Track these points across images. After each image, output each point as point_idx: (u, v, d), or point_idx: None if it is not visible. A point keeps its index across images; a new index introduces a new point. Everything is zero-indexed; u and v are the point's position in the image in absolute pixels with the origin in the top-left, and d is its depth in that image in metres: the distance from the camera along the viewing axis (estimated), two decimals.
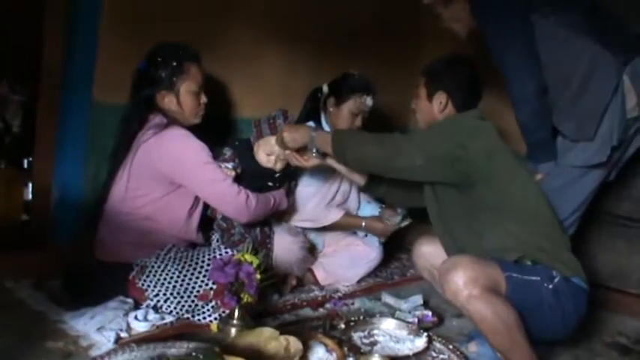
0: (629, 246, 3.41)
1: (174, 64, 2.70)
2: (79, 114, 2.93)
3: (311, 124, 3.25)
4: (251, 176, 2.83)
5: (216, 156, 2.76)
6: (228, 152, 2.88)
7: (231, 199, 2.68)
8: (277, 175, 2.88)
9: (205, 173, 2.65)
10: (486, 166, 2.39)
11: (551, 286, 2.29)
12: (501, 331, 2.17)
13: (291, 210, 3.20)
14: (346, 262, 3.32)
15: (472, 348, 2.57)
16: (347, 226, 3.36)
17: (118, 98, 2.81)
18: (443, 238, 2.63)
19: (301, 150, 2.71)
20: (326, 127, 3.31)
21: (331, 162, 2.76)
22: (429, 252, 2.75)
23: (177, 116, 2.74)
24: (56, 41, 2.88)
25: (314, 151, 2.66)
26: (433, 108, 2.67)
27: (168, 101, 2.72)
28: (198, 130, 2.77)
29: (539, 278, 2.30)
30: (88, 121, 2.94)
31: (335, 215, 3.29)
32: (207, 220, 2.88)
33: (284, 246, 3.01)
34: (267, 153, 2.83)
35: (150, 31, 2.94)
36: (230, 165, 2.79)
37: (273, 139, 2.80)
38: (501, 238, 2.38)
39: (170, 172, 2.63)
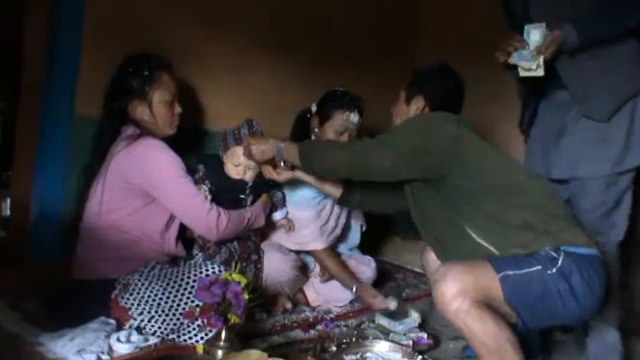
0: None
1: (146, 73, 2.68)
2: (60, 127, 2.86)
3: None
4: (222, 190, 2.82)
5: (190, 169, 2.72)
6: (201, 168, 2.87)
7: (200, 216, 2.65)
8: (249, 186, 2.89)
9: (176, 187, 2.62)
10: (454, 150, 2.31)
11: (554, 270, 2.11)
12: (492, 348, 2.07)
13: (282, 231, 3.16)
14: (339, 282, 3.20)
15: None
16: (339, 276, 3.18)
17: (101, 112, 2.75)
18: (428, 240, 2.54)
19: (271, 162, 2.69)
20: None
21: (301, 174, 2.76)
22: (433, 259, 2.61)
23: (151, 127, 2.72)
24: (37, 53, 2.83)
25: (282, 163, 2.63)
26: (410, 111, 2.62)
27: (140, 111, 2.70)
28: (179, 142, 2.76)
29: (539, 267, 2.12)
30: (70, 135, 2.88)
31: (320, 244, 3.19)
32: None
33: (275, 265, 2.95)
34: (235, 164, 2.86)
35: (134, 43, 2.88)
36: (205, 186, 2.78)
37: (239, 150, 2.82)
38: (483, 227, 2.27)
39: (142, 184, 2.60)
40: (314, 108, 3.23)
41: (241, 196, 2.88)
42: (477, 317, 2.06)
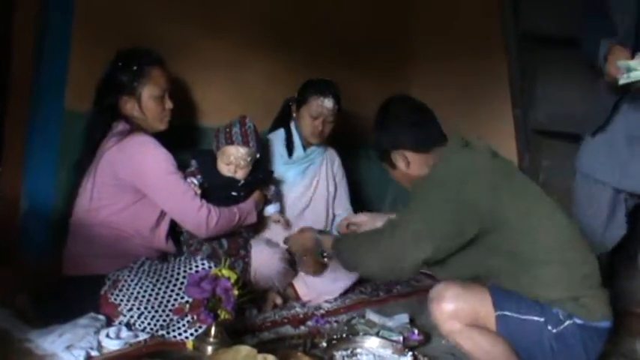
0: (628, 264, 3.20)
1: (135, 68, 2.67)
2: (49, 122, 2.85)
3: (281, 132, 3.36)
4: (214, 187, 2.84)
5: (182, 165, 2.73)
6: (193, 163, 2.88)
7: (191, 213, 2.66)
8: (241, 184, 2.89)
9: (167, 184, 2.62)
10: (494, 202, 2.15)
11: (555, 330, 2.11)
12: None
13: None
14: (331, 274, 3.19)
15: None
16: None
17: (91, 107, 2.74)
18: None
19: (311, 252, 2.67)
20: (295, 134, 3.35)
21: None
22: None
23: (141, 122, 2.72)
24: (26, 47, 2.80)
25: (322, 256, 2.60)
26: (401, 170, 2.44)
27: (130, 107, 2.69)
28: (172, 138, 2.75)
29: (542, 319, 2.12)
30: (60, 130, 2.87)
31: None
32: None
33: (263, 259, 2.95)
34: (226, 163, 2.87)
35: (125, 38, 2.87)
36: (196, 180, 2.79)
37: (229, 149, 2.84)
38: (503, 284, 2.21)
39: (132, 180, 2.60)
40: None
41: (233, 193, 2.88)
42: (469, 337, 2.13)
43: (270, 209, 3.13)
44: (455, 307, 2.12)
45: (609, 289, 2.22)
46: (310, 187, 3.41)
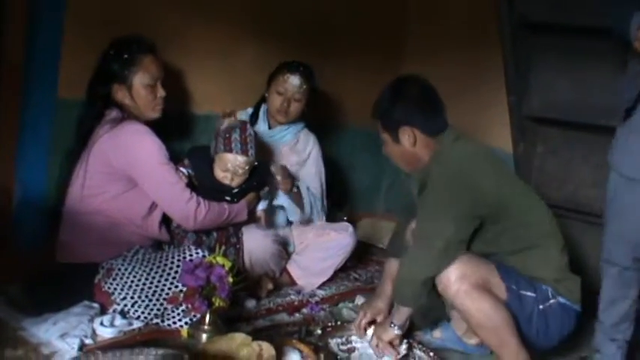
0: None
1: (126, 56, 2.67)
2: (42, 111, 2.82)
3: (249, 109, 3.36)
4: (208, 189, 2.82)
5: (174, 157, 2.72)
6: (187, 162, 2.86)
7: (179, 204, 2.66)
8: (235, 190, 2.88)
9: (157, 174, 2.62)
10: (498, 188, 2.36)
11: (541, 307, 2.31)
12: (488, 328, 2.22)
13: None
14: (320, 254, 3.19)
15: (436, 334, 2.66)
16: None
17: (84, 96, 2.73)
18: None
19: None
20: (261, 112, 3.35)
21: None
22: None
23: (134, 111, 2.72)
24: (18, 35, 2.76)
25: (396, 329, 2.48)
26: (404, 147, 2.50)
27: (122, 95, 2.69)
28: (164, 126, 2.75)
29: (534, 295, 2.31)
30: (52, 119, 2.85)
31: None
32: None
33: (256, 242, 2.93)
34: (222, 169, 2.84)
35: (118, 25, 2.86)
36: (185, 170, 2.79)
37: (227, 156, 2.81)
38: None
39: (124, 168, 2.60)
40: None
41: (227, 198, 2.85)
42: (475, 298, 2.20)
43: (260, 206, 3.10)
44: (464, 270, 2.23)
45: None
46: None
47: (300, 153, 3.43)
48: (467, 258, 2.26)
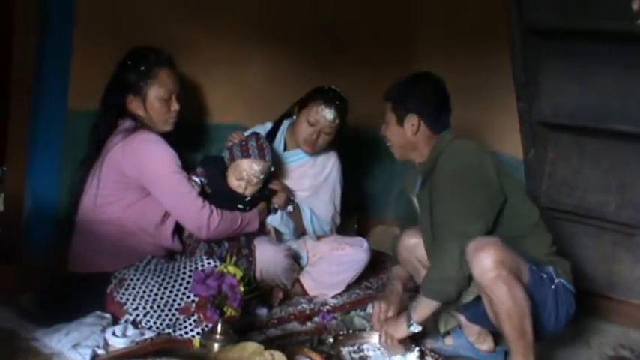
0: (631, 255, 3.28)
1: (143, 68, 2.67)
2: (52, 121, 2.82)
3: (268, 125, 3.29)
4: (221, 198, 2.82)
5: (187, 166, 2.72)
6: (200, 171, 2.87)
7: (192, 213, 2.67)
8: (247, 199, 2.88)
9: (169, 183, 2.62)
10: (499, 179, 2.45)
11: (552, 286, 2.35)
12: (515, 316, 2.20)
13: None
14: (333, 267, 3.17)
15: (448, 341, 2.67)
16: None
17: (95, 105, 2.74)
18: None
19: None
20: (280, 132, 3.29)
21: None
22: (415, 243, 2.71)
23: (147, 122, 2.71)
24: (28, 46, 2.78)
25: (414, 326, 2.47)
26: (406, 132, 2.59)
27: (135, 106, 2.69)
28: (175, 136, 2.76)
29: (545, 275, 2.36)
30: (63, 128, 2.85)
31: None
32: None
33: (268, 257, 2.92)
34: (237, 178, 2.85)
35: (128, 35, 2.87)
36: (198, 179, 2.80)
37: (244, 163, 2.83)
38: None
39: (136, 177, 2.60)
40: None
41: (239, 206, 2.86)
42: (513, 284, 2.19)
43: (269, 219, 3.11)
44: (501, 253, 2.20)
45: None
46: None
47: (316, 176, 3.36)
48: (498, 242, 2.24)
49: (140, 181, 2.60)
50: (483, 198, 2.38)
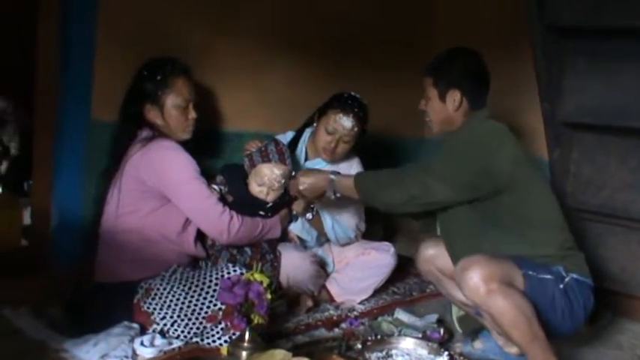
0: None
1: (159, 77, 2.69)
2: (76, 133, 2.85)
3: (290, 134, 3.26)
4: (243, 204, 2.82)
5: (207, 174, 2.73)
6: (220, 179, 2.89)
7: (213, 218, 2.67)
8: (269, 205, 2.87)
9: (189, 189, 2.63)
10: (511, 174, 2.38)
11: (562, 286, 2.31)
12: (521, 323, 2.18)
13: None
14: (360, 273, 3.16)
15: (477, 345, 2.65)
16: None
17: (117, 116, 2.76)
18: (448, 250, 2.63)
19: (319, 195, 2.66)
20: (301, 142, 3.26)
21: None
22: (434, 254, 2.72)
23: (164, 130, 2.73)
24: (51, 57, 2.81)
25: (332, 196, 2.58)
26: (447, 107, 2.59)
27: (153, 115, 2.71)
28: (195, 144, 2.78)
29: (552, 277, 2.31)
30: (86, 141, 2.87)
31: None
32: None
33: (294, 264, 2.91)
34: (259, 184, 2.86)
35: (149, 46, 2.88)
36: (217, 187, 2.82)
37: (264, 168, 2.84)
38: (514, 246, 2.40)
39: (156, 185, 2.61)
40: None
41: (261, 212, 2.85)
42: (506, 294, 2.17)
43: (291, 226, 3.11)
44: (488, 268, 2.20)
45: None
46: None
47: None
48: (483, 258, 2.25)
49: (160, 188, 2.61)
50: (472, 173, 2.37)
